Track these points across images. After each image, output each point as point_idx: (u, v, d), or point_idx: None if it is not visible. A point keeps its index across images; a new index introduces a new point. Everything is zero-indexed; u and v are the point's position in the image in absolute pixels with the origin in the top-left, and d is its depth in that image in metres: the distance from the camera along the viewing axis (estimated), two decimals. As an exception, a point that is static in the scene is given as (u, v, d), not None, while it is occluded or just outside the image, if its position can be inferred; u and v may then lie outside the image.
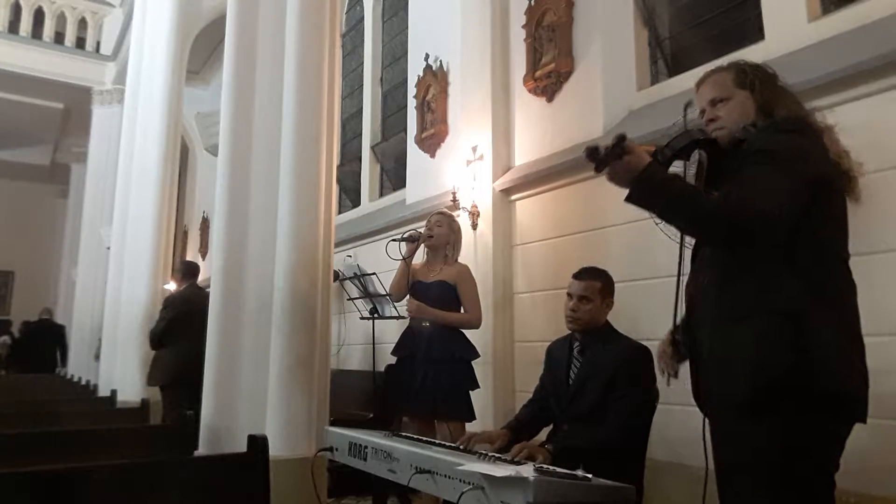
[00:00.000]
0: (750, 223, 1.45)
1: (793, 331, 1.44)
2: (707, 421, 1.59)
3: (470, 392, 3.28)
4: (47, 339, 10.53)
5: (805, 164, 1.52)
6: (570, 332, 2.60)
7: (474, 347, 3.35)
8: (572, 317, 2.52)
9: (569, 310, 2.53)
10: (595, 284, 2.53)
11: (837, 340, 1.46)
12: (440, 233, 3.42)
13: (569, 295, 2.56)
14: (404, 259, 3.42)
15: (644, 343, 2.47)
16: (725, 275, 1.57)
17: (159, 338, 4.97)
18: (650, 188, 1.52)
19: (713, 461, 1.58)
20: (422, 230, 3.48)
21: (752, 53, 3.06)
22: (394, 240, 3.45)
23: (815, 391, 1.42)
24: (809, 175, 1.51)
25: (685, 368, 1.73)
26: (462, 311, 3.35)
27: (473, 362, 3.35)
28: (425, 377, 3.17)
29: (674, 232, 1.69)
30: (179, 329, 4.82)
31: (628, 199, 1.54)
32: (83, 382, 7.16)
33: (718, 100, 1.73)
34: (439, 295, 3.30)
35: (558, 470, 1.53)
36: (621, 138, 1.49)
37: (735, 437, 1.51)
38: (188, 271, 5.40)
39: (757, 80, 1.71)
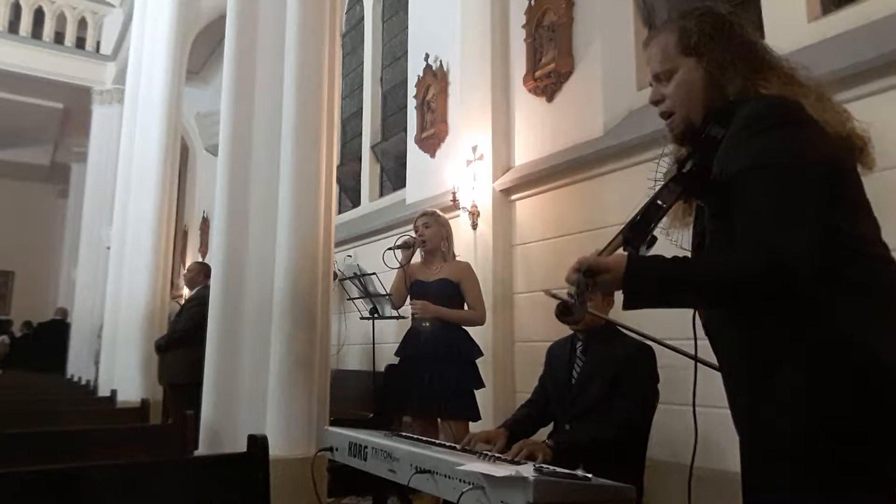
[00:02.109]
0: (774, 278, 1.15)
1: (846, 365, 1.13)
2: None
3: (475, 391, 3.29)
4: (57, 338, 10.56)
5: (808, 167, 1.20)
6: (571, 332, 2.60)
7: (478, 346, 3.37)
8: (572, 316, 2.52)
9: (569, 309, 2.53)
10: (594, 284, 2.53)
11: None
12: (432, 234, 3.43)
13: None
14: (402, 266, 3.43)
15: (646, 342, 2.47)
16: (744, 313, 1.25)
17: (183, 336, 4.87)
18: (641, 291, 1.22)
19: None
20: (410, 235, 3.50)
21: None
22: (389, 249, 3.46)
23: (885, 435, 1.12)
24: (816, 175, 1.20)
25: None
26: (465, 308, 3.36)
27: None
28: (432, 377, 3.18)
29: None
30: (201, 328, 4.80)
31: (626, 307, 1.24)
32: (83, 382, 7.16)
33: (663, 74, 1.38)
34: (440, 293, 3.31)
35: (558, 470, 1.53)
36: (585, 273, 1.23)
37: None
38: (209, 272, 5.36)
39: (703, 38, 1.34)
